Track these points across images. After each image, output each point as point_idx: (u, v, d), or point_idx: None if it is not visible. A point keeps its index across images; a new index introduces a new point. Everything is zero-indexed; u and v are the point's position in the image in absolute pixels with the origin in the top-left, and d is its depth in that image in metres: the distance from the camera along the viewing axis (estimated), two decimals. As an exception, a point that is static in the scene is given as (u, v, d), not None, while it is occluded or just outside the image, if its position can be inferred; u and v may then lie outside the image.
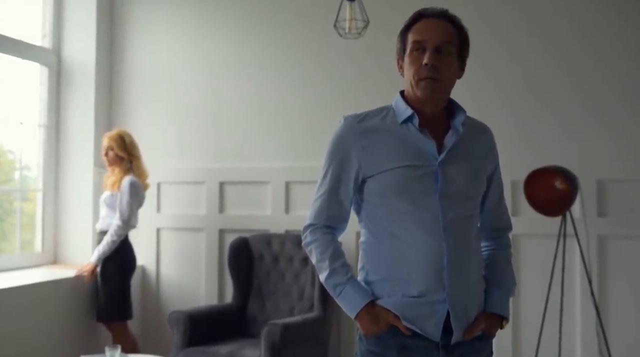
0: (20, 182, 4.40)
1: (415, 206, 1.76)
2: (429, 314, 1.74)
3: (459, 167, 1.79)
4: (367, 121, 1.86)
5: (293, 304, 4.04)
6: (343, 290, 1.80)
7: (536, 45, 3.90)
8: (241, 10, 4.46)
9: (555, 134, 3.85)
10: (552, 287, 3.62)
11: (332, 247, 1.86)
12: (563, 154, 3.77)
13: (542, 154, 3.80)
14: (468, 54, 1.86)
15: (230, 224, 4.41)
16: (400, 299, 1.76)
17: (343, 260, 1.85)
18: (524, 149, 3.89)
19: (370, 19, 3.26)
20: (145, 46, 4.66)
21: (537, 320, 3.65)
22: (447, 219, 1.75)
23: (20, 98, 4.37)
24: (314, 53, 4.28)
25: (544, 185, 3.50)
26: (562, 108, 3.85)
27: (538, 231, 3.81)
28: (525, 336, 3.82)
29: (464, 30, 1.84)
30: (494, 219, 1.96)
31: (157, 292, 4.55)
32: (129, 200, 3.90)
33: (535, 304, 3.73)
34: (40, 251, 4.44)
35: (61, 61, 4.55)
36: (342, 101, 4.17)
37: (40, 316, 3.74)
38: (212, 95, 4.51)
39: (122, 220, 3.89)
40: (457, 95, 1.89)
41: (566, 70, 3.86)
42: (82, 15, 4.53)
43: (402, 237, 1.77)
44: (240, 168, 4.41)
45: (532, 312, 3.77)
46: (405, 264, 1.76)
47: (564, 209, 3.50)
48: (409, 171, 1.76)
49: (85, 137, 4.48)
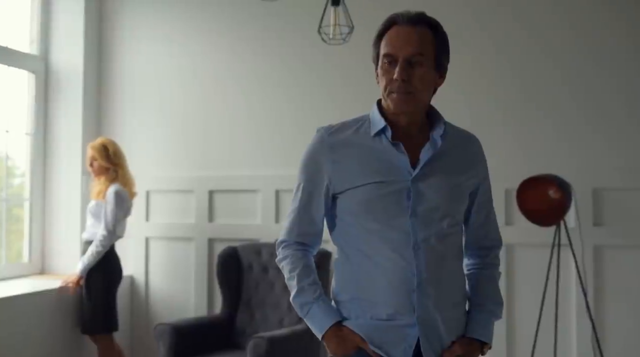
0: (7, 191, 4.34)
1: (384, 224, 1.68)
2: (398, 339, 1.66)
3: (435, 183, 1.69)
4: (339, 134, 1.76)
5: (282, 315, 3.96)
6: (310, 309, 1.74)
7: (532, 51, 3.81)
8: (230, 18, 4.39)
9: (551, 141, 3.76)
10: (547, 299, 3.52)
11: (301, 264, 1.80)
12: (558, 162, 3.69)
13: (536, 162, 3.71)
14: (448, 58, 1.75)
15: (220, 233, 4.34)
16: (369, 321, 1.69)
17: (312, 278, 1.78)
18: (518, 156, 3.80)
19: (359, 25, 3.17)
20: (134, 53, 4.59)
21: (531, 332, 3.56)
22: (419, 238, 1.66)
23: (7, 106, 4.30)
24: (303, 60, 4.20)
25: (537, 194, 3.41)
26: (558, 115, 3.76)
27: (532, 240, 3.72)
28: (519, 348, 3.73)
29: (441, 34, 1.73)
30: (479, 237, 1.85)
31: (146, 302, 4.48)
32: (113, 209, 3.82)
33: (530, 315, 3.64)
34: (27, 261, 4.37)
35: (48, 68, 4.48)
36: (332, 109, 4.09)
37: (26, 327, 3.66)
38: (201, 103, 4.44)
39: (107, 230, 3.81)
40: (451, 102, 1.82)
41: (562, 77, 3.77)
42: (69, 21, 4.47)
43: (371, 257, 1.69)
44: (229, 176, 4.34)
45: (526, 324, 3.67)
46: (374, 285, 1.68)
47: (558, 219, 3.41)
48: (379, 188, 1.68)
49: (73, 145, 4.41)
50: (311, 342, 3.75)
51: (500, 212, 3.74)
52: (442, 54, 1.73)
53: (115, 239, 3.91)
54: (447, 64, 1.75)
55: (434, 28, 1.72)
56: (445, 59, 1.75)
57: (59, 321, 3.88)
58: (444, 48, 1.74)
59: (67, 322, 3.93)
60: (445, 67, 1.75)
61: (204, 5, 4.46)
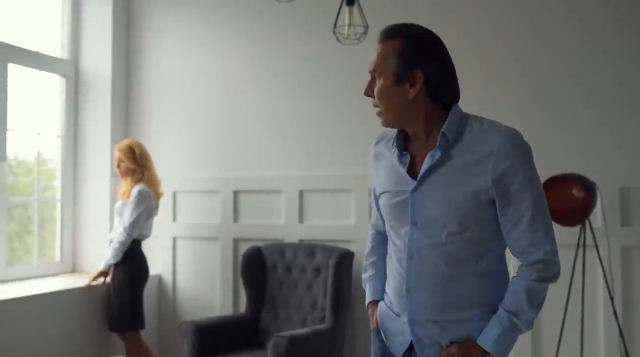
0: (43, 192, 4.47)
1: (395, 231, 1.82)
2: (398, 332, 1.82)
3: (433, 194, 1.70)
4: (379, 144, 1.92)
5: (305, 315, 3.97)
6: (366, 285, 2.03)
7: (555, 49, 3.74)
8: (255, 20, 4.43)
9: (575, 140, 3.69)
10: (571, 300, 3.45)
11: (370, 246, 2.06)
12: (583, 161, 3.61)
13: (560, 161, 3.64)
14: (424, 64, 1.68)
15: (245, 233, 4.38)
16: (387, 310, 1.89)
17: (372, 259, 2.03)
18: (540, 155, 3.68)
19: (374, 24, 3.16)
20: (161, 55, 4.67)
21: (556, 334, 3.49)
22: (413, 247, 1.74)
23: (39, 109, 4.43)
24: (327, 61, 4.21)
25: (560, 193, 3.34)
26: (582, 113, 3.68)
27: (557, 240, 3.63)
28: (544, 350, 3.66)
29: (408, 43, 1.68)
30: (512, 241, 1.73)
31: (173, 301, 4.55)
32: (134, 208, 3.90)
33: (554, 317, 3.57)
34: (59, 260, 4.48)
35: (78, 71, 4.60)
36: (355, 109, 4.09)
37: (56, 324, 3.76)
38: (227, 104, 4.49)
39: (124, 227, 3.90)
40: (472, 101, 1.78)
41: (587, 74, 3.68)
42: (98, 25, 4.57)
43: (391, 257, 1.88)
44: (254, 177, 4.37)
45: (551, 326, 3.61)
46: (389, 283, 1.89)
47: (582, 218, 3.34)
48: (390, 197, 1.81)
49: (102, 146, 4.51)
50: (333, 341, 3.76)
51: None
52: (410, 63, 1.67)
53: (134, 236, 3.95)
54: (419, 71, 1.68)
55: (401, 35, 1.70)
56: (419, 65, 1.68)
57: (87, 318, 3.98)
58: (412, 57, 1.68)
59: (95, 319, 4.02)
60: (412, 75, 1.68)
61: (228, 7, 4.51)
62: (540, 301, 1.72)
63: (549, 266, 1.70)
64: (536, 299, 1.70)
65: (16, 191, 4.38)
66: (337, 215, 4.13)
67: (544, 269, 1.70)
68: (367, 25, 2.98)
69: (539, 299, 1.71)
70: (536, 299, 1.70)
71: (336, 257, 3.88)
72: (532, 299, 1.69)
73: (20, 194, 4.38)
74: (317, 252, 4.01)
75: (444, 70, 1.71)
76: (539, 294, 1.70)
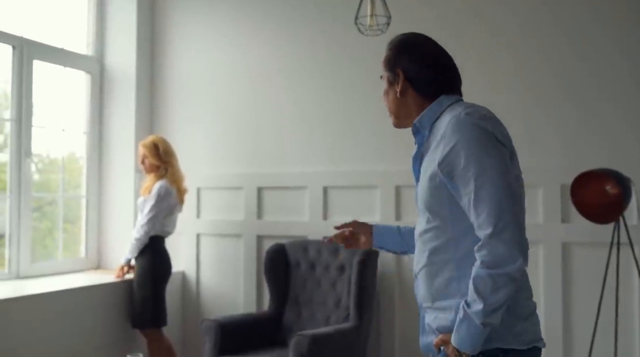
0: (66, 189, 4.49)
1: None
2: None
3: (420, 181, 1.79)
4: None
5: (329, 313, 3.90)
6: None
7: (590, 43, 3.61)
8: (280, 15, 4.38)
9: (609, 134, 3.55)
10: (605, 300, 3.32)
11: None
12: (617, 156, 3.48)
13: (593, 156, 3.51)
14: (400, 64, 1.82)
15: (268, 230, 4.33)
16: None
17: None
18: (573, 150, 3.61)
19: (397, 15, 3.09)
20: (185, 52, 4.65)
21: (589, 334, 3.36)
22: (415, 235, 1.84)
23: (65, 106, 4.44)
24: (353, 54, 4.13)
25: (593, 189, 3.22)
26: (615, 106, 3.54)
27: (589, 238, 3.52)
28: (576, 350, 3.54)
29: (392, 49, 1.86)
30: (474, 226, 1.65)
31: (197, 298, 4.52)
32: (153, 205, 3.89)
33: (587, 317, 3.45)
34: (84, 257, 4.49)
35: (103, 68, 4.60)
36: (381, 104, 3.97)
37: (80, 319, 3.75)
38: (251, 100, 4.45)
39: (141, 223, 3.89)
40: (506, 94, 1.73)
41: (620, 66, 3.55)
42: (123, 21, 4.58)
43: None
44: (278, 173, 4.32)
45: (584, 326, 3.49)
46: None
47: (616, 215, 3.21)
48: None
49: (126, 143, 4.51)
50: (357, 341, 3.68)
51: (555, 209, 3.60)
52: (393, 65, 1.84)
53: (164, 234, 3.97)
54: (399, 69, 1.82)
55: (390, 46, 1.87)
56: (398, 64, 1.83)
57: (111, 314, 3.97)
58: (394, 59, 1.84)
59: (118, 315, 4.01)
60: (397, 74, 1.83)
61: (252, 2, 4.47)
62: (490, 291, 1.55)
63: (491, 251, 1.55)
64: (483, 288, 1.55)
65: (47, 188, 4.41)
66: (362, 212, 4.04)
67: (486, 255, 1.56)
68: (390, 16, 2.90)
69: (488, 289, 1.55)
70: (484, 288, 1.55)
71: (360, 255, 3.80)
72: (479, 288, 1.56)
73: (51, 192, 4.40)
74: (341, 250, 3.93)
75: (423, 65, 1.80)
76: (487, 283, 1.55)
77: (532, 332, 1.67)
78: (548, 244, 3.61)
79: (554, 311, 3.57)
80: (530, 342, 1.65)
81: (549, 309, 3.56)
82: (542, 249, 3.62)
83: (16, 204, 3.94)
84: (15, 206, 3.94)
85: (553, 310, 3.57)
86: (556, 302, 3.58)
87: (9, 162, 3.93)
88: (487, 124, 1.63)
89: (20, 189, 3.95)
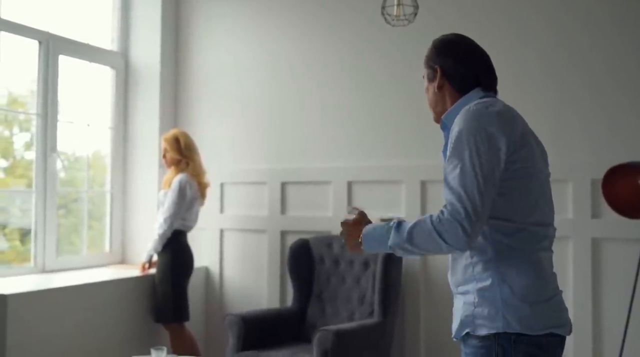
0: (92, 185, 4.51)
1: None
2: None
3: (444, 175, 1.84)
4: None
5: (353, 309, 3.86)
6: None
7: (622, 37, 3.52)
8: (305, 10, 4.35)
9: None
10: (637, 300, 3.23)
11: None
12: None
13: (625, 149, 3.42)
14: (438, 61, 1.92)
15: (292, 225, 4.30)
16: None
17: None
18: (604, 143, 3.52)
19: (424, 4, 3.04)
20: (209, 47, 4.65)
21: (620, 332, 3.28)
22: None
23: (90, 101, 4.46)
24: (377, 51, 4.09)
25: (624, 182, 3.14)
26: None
27: (620, 234, 3.43)
28: (606, 347, 3.45)
29: (431, 49, 1.97)
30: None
31: (220, 293, 4.51)
32: (174, 198, 3.88)
33: (618, 314, 3.36)
34: (109, 251, 4.51)
35: (128, 64, 4.62)
36: (406, 98, 3.96)
37: (103, 313, 3.75)
38: (275, 95, 4.42)
39: (164, 218, 3.88)
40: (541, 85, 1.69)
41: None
42: (148, 16, 4.59)
43: None
44: (301, 168, 4.29)
45: (614, 324, 3.40)
46: None
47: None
48: None
49: (150, 138, 4.51)
50: (382, 337, 3.64)
51: (586, 204, 3.52)
52: (432, 62, 1.95)
53: (186, 228, 3.96)
54: (437, 66, 1.92)
55: (431, 47, 1.98)
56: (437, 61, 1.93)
57: (134, 308, 3.97)
58: (433, 58, 1.95)
59: (141, 310, 4.01)
60: (435, 70, 1.93)
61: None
62: (420, 239, 1.69)
63: (441, 222, 1.66)
64: (415, 234, 1.69)
65: (74, 185, 4.44)
66: (387, 207, 3.99)
67: (437, 220, 1.67)
68: (417, 5, 2.85)
69: (416, 239, 1.69)
70: (418, 233, 1.69)
71: (385, 250, 3.75)
72: (412, 231, 1.70)
73: (78, 188, 4.43)
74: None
75: (458, 61, 1.90)
76: (424, 233, 1.68)
77: (546, 318, 1.70)
78: (578, 240, 3.53)
79: (584, 307, 3.49)
80: (543, 328, 1.69)
81: (578, 306, 3.48)
82: (571, 245, 3.54)
83: (42, 200, 3.97)
84: (40, 201, 3.96)
85: (582, 307, 3.49)
86: (586, 298, 3.50)
87: (35, 158, 3.96)
88: (481, 117, 1.71)
89: (45, 185, 3.98)
